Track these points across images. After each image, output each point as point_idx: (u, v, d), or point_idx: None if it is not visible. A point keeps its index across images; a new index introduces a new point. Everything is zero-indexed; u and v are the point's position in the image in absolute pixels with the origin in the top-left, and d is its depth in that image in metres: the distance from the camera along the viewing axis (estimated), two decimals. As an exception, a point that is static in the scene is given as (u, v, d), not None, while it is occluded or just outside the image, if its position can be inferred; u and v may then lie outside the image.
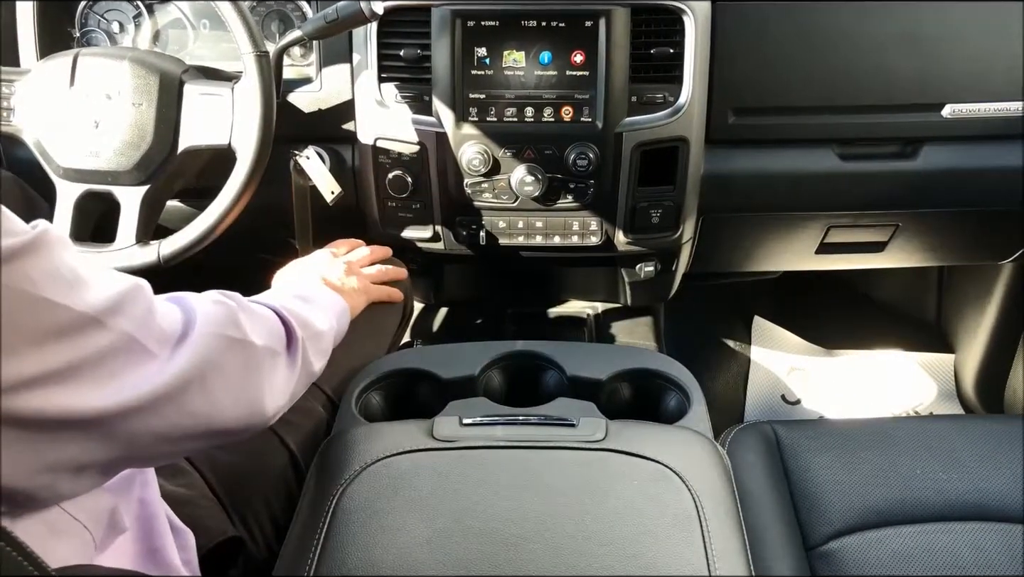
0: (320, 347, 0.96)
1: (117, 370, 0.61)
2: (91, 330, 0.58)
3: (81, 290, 0.58)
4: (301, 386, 0.92)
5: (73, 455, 0.59)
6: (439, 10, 1.32)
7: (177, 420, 0.68)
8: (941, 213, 1.55)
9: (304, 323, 0.92)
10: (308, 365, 0.92)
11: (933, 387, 2.04)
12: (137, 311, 0.64)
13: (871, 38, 1.39)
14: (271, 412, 0.82)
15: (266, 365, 0.81)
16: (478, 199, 1.40)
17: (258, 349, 0.79)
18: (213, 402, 0.71)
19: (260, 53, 1.18)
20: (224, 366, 0.73)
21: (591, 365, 1.15)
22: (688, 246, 1.54)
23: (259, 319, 0.83)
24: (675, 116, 1.35)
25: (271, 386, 0.82)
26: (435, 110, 1.36)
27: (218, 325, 0.74)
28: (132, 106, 1.20)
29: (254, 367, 0.79)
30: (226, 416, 0.74)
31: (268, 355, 0.82)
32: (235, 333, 0.76)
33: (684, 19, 1.33)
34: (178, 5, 1.47)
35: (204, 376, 0.70)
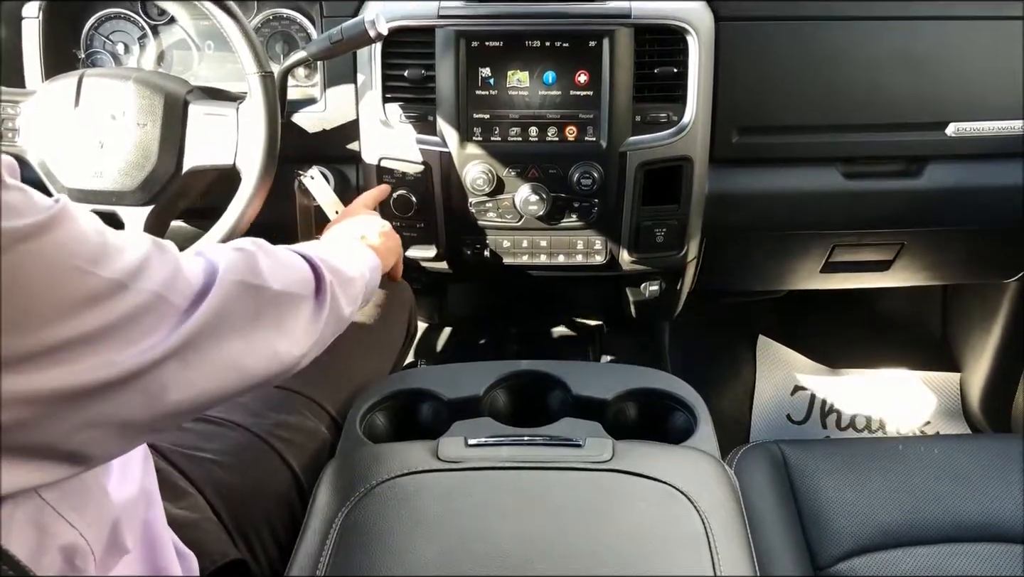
0: (351, 293, 0.96)
1: (148, 328, 0.63)
2: (120, 294, 0.60)
3: (108, 257, 0.60)
4: (331, 331, 0.92)
5: (114, 411, 0.61)
6: (443, 31, 1.33)
7: (204, 369, 0.69)
8: (946, 231, 1.55)
9: (334, 269, 0.92)
10: (338, 310, 0.92)
11: (939, 406, 2.03)
12: (163, 270, 0.66)
13: (873, 57, 1.40)
14: (291, 358, 0.82)
15: (286, 310, 0.81)
16: (482, 218, 1.40)
17: (275, 293, 0.79)
18: (231, 347, 0.72)
19: (265, 73, 1.19)
20: (238, 312, 0.73)
21: (597, 384, 1.14)
22: (693, 265, 1.54)
23: (282, 264, 0.83)
24: (679, 135, 1.35)
25: (289, 331, 0.81)
26: (439, 130, 1.36)
27: (237, 272, 0.74)
28: (137, 126, 1.20)
29: (270, 312, 0.79)
30: (247, 361, 0.74)
31: (287, 300, 0.82)
32: (252, 279, 0.76)
33: (687, 39, 1.33)
34: (183, 26, 1.48)
35: (219, 323, 0.70)
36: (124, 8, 1.49)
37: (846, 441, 1.40)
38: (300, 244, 0.97)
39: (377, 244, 1.18)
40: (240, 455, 1.02)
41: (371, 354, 1.28)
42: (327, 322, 0.88)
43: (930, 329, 2.12)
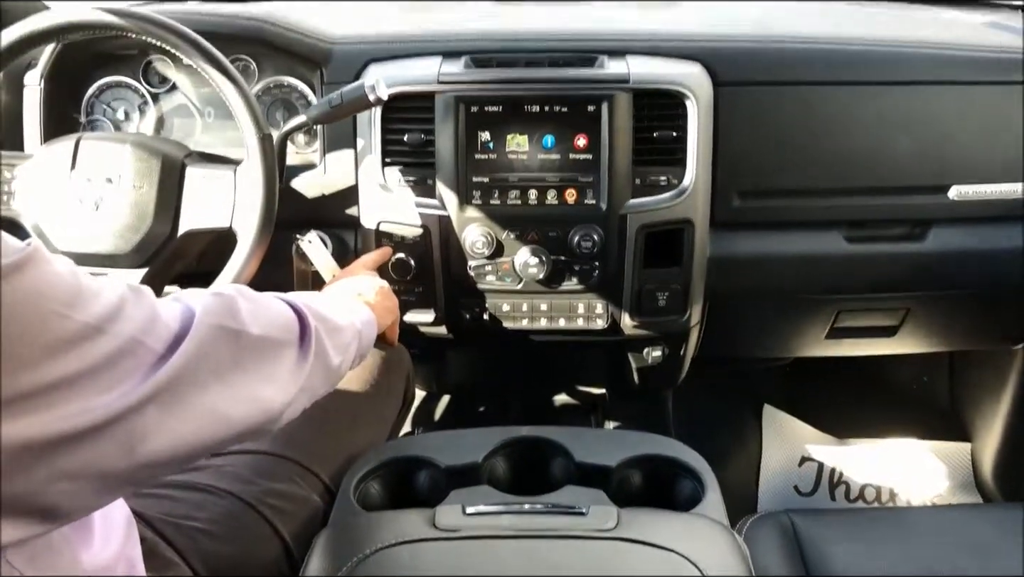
0: (339, 341, 0.94)
1: (124, 373, 0.62)
2: (96, 338, 0.59)
3: (83, 300, 0.59)
4: (320, 381, 0.89)
5: (90, 461, 0.60)
6: (443, 96, 1.33)
7: (184, 416, 0.67)
8: (952, 295, 1.53)
9: (321, 316, 0.90)
10: (325, 358, 0.89)
11: (950, 477, 1.98)
12: (139, 314, 0.64)
13: (873, 121, 1.40)
14: (275, 406, 0.79)
15: (268, 355, 0.79)
16: (482, 282, 1.38)
17: (255, 338, 0.77)
18: (211, 394, 0.70)
19: (263, 136, 1.18)
20: (215, 356, 0.72)
21: (600, 451, 1.11)
22: (696, 330, 1.51)
23: (264, 308, 0.81)
24: (679, 198, 1.34)
25: (272, 377, 0.79)
26: (439, 193, 1.35)
27: (214, 316, 0.73)
28: (133, 188, 1.19)
29: (251, 357, 0.76)
30: (229, 408, 0.72)
31: (269, 345, 0.80)
32: (231, 323, 0.74)
33: (686, 103, 1.33)
34: (184, 92, 1.49)
35: (197, 368, 0.69)
36: (125, 77, 1.50)
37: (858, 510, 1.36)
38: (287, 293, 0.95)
39: (373, 302, 1.15)
40: (229, 524, 0.99)
41: (366, 421, 1.24)
42: (313, 370, 0.86)
43: (938, 398, 2.08)
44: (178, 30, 1.15)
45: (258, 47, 1.41)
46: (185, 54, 1.16)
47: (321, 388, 0.91)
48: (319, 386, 0.90)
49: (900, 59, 1.42)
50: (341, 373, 0.96)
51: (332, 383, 0.95)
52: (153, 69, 1.51)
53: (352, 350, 0.99)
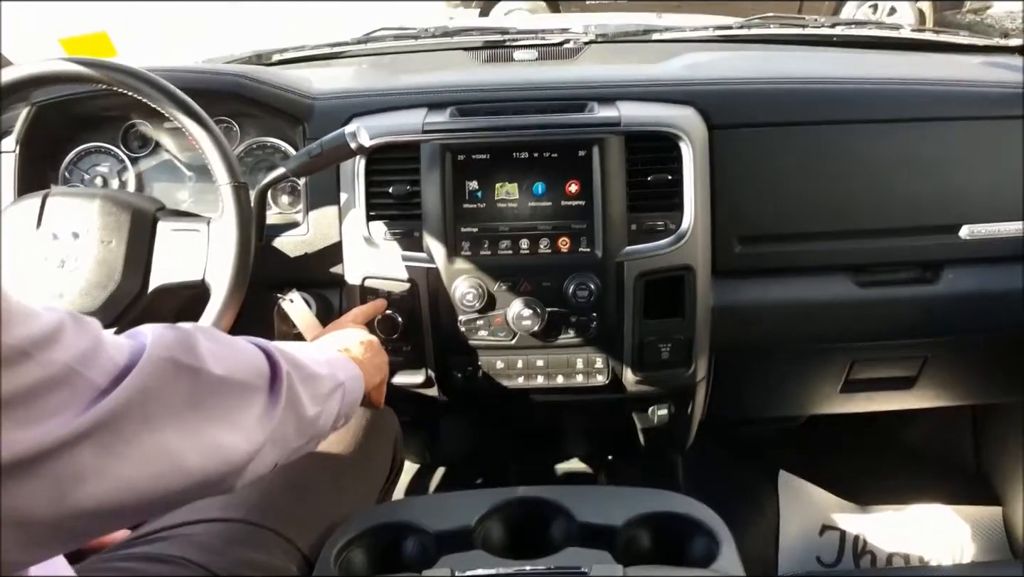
0: (316, 391, 0.87)
1: (56, 405, 0.57)
2: (21, 363, 0.54)
3: (9, 322, 0.54)
4: (293, 432, 0.82)
5: (10, 504, 0.54)
6: (429, 145, 1.28)
7: (129, 458, 0.61)
8: (971, 341, 1.45)
9: (296, 363, 0.84)
10: (298, 406, 0.82)
11: (982, 544, 1.85)
12: (79, 343, 0.59)
13: (877, 159, 1.35)
14: (239, 455, 0.72)
15: (232, 399, 0.73)
16: (473, 337, 1.31)
17: (217, 379, 0.70)
18: (163, 436, 0.64)
19: (238, 184, 1.13)
20: (169, 394, 0.65)
21: (604, 510, 1.02)
22: (703, 386, 1.43)
23: (229, 349, 0.75)
24: (678, 243, 1.28)
25: (236, 424, 0.72)
26: (426, 246, 1.29)
27: (167, 349, 0.66)
28: (101, 244, 1.13)
29: (211, 400, 0.70)
30: (185, 454, 0.66)
31: (234, 389, 0.73)
32: (186, 358, 0.68)
33: (680, 145, 1.29)
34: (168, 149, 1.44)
35: (144, 404, 0.62)
36: (104, 142, 1.46)
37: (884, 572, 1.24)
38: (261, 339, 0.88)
39: (361, 357, 1.08)
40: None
41: (350, 487, 1.15)
42: (284, 419, 0.79)
43: (963, 458, 1.98)
44: (148, 78, 1.11)
45: (237, 104, 1.37)
46: (156, 103, 1.11)
47: (295, 440, 0.84)
48: (292, 438, 0.83)
49: (903, 96, 1.38)
50: (320, 428, 0.89)
51: (308, 436, 0.87)
52: (133, 134, 1.47)
53: (333, 405, 0.92)
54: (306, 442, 0.88)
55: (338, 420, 0.95)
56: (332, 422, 0.93)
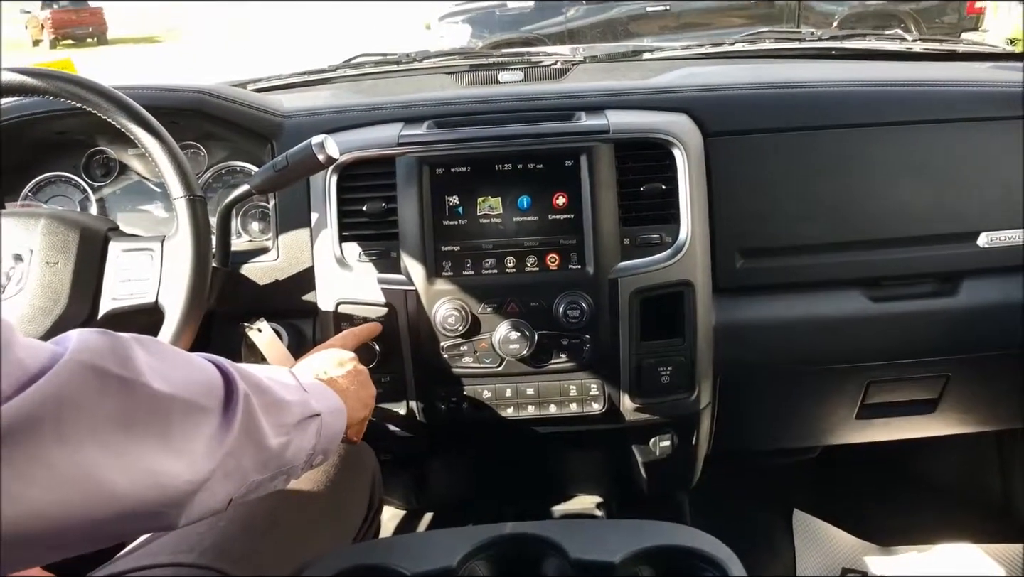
0: (279, 419, 0.77)
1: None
2: None
3: None
4: (251, 462, 0.72)
5: None
6: (405, 159, 1.20)
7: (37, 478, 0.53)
8: (995, 358, 1.35)
9: (258, 386, 0.74)
10: (258, 434, 0.73)
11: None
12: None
13: (884, 166, 1.26)
14: (180, 484, 0.63)
15: (175, 419, 0.64)
16: (457, 364, 1.21)
17: (154, 394, 0.61)
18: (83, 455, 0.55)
19: (193, 197, 1.03)
20: (91, 407, 0.56)
21: (600, 545, 0.91)
22: (708, 414, 1.32)
23: (174, 363, 0.66)
24: (675, 257, 1.19)
25: (178, 448, 0.63)
26: (404, 267, 1.19)
27: (91, 354, 0.58)
28: (46, 265, 1.04)
29: (147, 418, 0.61)
30: (112, 477, 0.57)
31: (179, 407, 0.64)
32: (116, 368, 0.59)
33: (674, 152, 1.20)
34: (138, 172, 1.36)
35: (58, 416, 0.54)
36: (65, 171, 1.38)
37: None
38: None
39: (344, 386, 0.97)
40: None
41: (320, 530, 1.04)
42: (239, 448, 0.69)
43: (990, 492, 1.85)
44: (97, 87, 1.03)
45: (202, 124, 1.29)
46: (105, 113, 1.03)
47: (254, 473, 0.73)
48: (250, 470, 0.73)
49: (909, 97, 1.30)
50: (287, 462, 0.79)
51: (273, 471, 0.77)
52: (96, 161, 1.40)
53: (307, 438, 0.82)
54: (271, 477, 0.78)
55: (314, 456, 0.85)
56: (305, 457, 0.83)
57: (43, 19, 20.58)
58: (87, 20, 21.00)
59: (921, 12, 8.06)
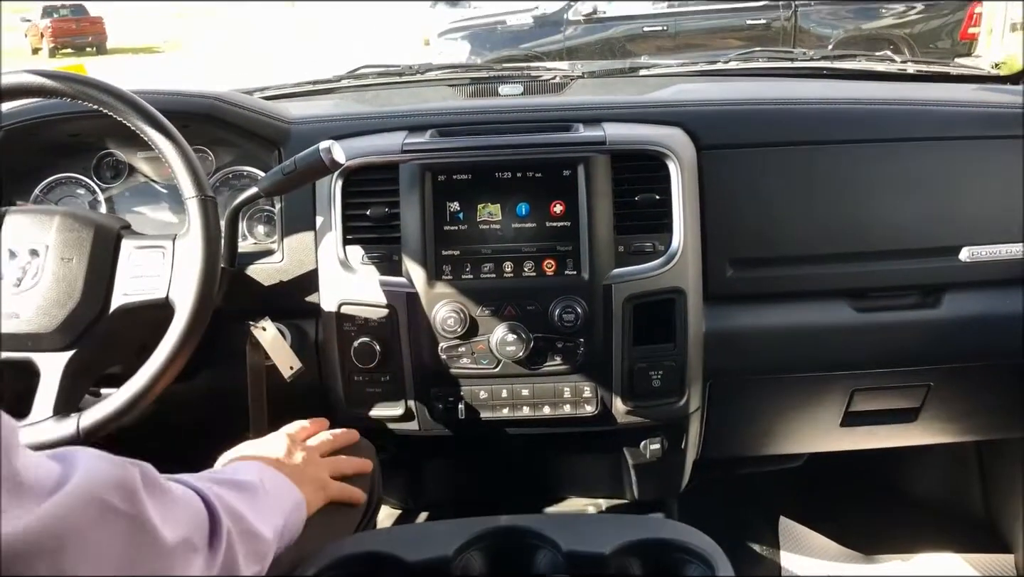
0: (256, 549, 0.80)
1: None
2: None
3: None
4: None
5: None
6: (408, 166, 1.24)
7: None
8: (976, 370, 1.39)
9: (236, 516, 0.76)
10: (233, 565, 0.74)
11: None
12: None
13: (871, 181, 1.31)
14: None
15: (176, 563, 0.64)
16: (455, 365, 1.25)
17: (161, 539, 0.62)
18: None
19: (205, 197, 1.07)
20: (95, 542, 0.56)
21: (591, 538, 0.95)
22: (697, 418, 1.36)
23: (171, 500, 0.67)
24: (667, 265, 1.23)
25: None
26: (405, 270, 1.24)
27: (100, 486, 0.57)
28: (61, 261, 1.08)
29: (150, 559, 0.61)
30: None
31: (180, 550, 0.65)
32: (121, 504, 0.59)
33: (668, 164, 1.25)
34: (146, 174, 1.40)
35: (62, 547, 0.52)
36: (76, 172, 1.42)
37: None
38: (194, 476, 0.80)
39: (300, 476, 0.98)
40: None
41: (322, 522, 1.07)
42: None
43: (970, 501, 1.89)
44: (113, 90, 1.07)
45: (211, 128, 1.33)
46: (121, 115, 1.07)
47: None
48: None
49: (896, 116, 1.35)
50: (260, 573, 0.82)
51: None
52: (106, 163, 1.43)
53: (269, 556, 0.84)
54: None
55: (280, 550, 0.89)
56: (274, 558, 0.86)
57: (43, 28, 20.60)
58: (87, 29, 21.03)
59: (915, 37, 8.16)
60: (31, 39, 21.23)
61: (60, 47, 20.40)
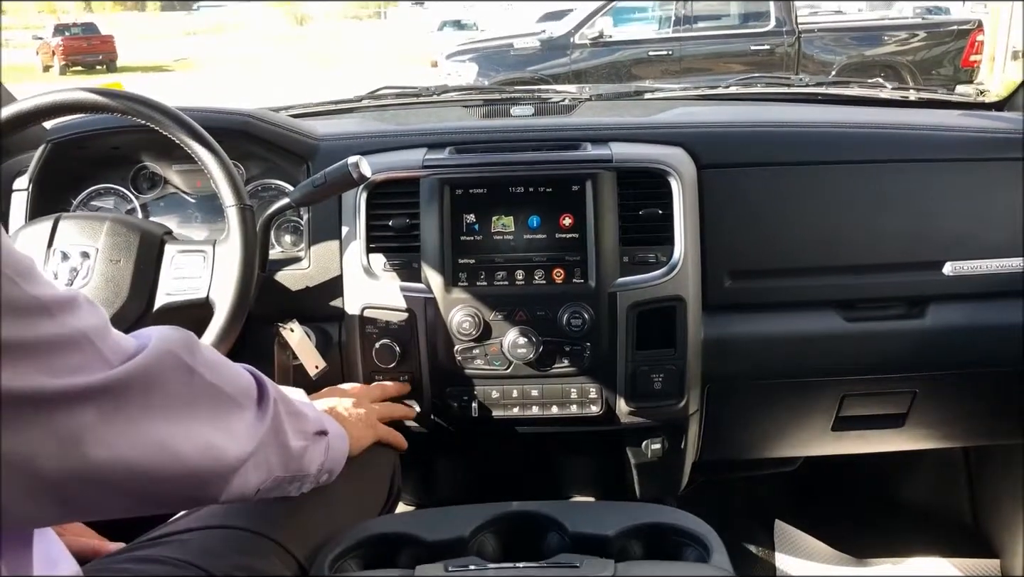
0: (302, 426, 0.92)
1: (70, 365, 0.60)
2: (42, 317, 0.58)
3: (36, 280, 0.58)
4: (276, 458, 0.85)
5: (22, 448, 0.57)
6: (428, 180, 1.33)
7: (127, 434, 0.64)
8: (959, 377, 1.48)
9: (282, 395, 0.88)
10: (282, 435, 0.87)
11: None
12: (93, 318, 0.64)
13: (860, 199, 1.40)
14: (229, 457, 0.76)
15: (223, 407, 0.77)
16: (469, 366, 1.33)
17: (208, 384, 0.75)
18: (160, 425, 0.68)
19: (244, 206, 1.17)
20: (169, 386, 0.70)
21: (597, 521, 1.03)
22: (696, 420, 1.45)
23: (223, 364, 0.79)
24: (669, 275, 1.32)
25: (227, 429, 0.76)
26: (424, 276, 1.33)
27: (172, 343, 0.71)
28: (110, 262, 1.17)
29: (205, 402, 0.74)
30: (179, 444, 0.70)
31: (225, 398, 0.78)
32: (187, 358, 0.72)
33: (670, 181, 1.34)
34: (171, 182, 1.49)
35: (148, 387, 0.67)
36: (115, 183, 1.51)
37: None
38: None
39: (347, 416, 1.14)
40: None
41: (348, 506, 1.16)
42: (268, 441, 0.83)
43: (958, 507, 1.97)
44: (161, 106, 1.17)
45: (244, 143, 1.42)
46: (167, 130, 1.16)
47: (278, 468, 0.87)
48: (275, 465, 0.87)
49: (885, 139, 1.44)
50: (304, 466, 0.94)
51: (293, 472, 0.91)
52: (143, 176, 1.52)
53: (318, 450, 0.97)
54: (290, 479, 0.92)
55: (321, 474, 1.00)
56: (316, 468, 0.97)
57: (54, 46, 20.85)
58: (98, 48, 21.27)
59: (918, 64, 8.27)
60: (42, 56, 21.45)
61: (71, 65, 20.62)
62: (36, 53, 21.72)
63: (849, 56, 8.28)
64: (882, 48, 8.46)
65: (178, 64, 22.58)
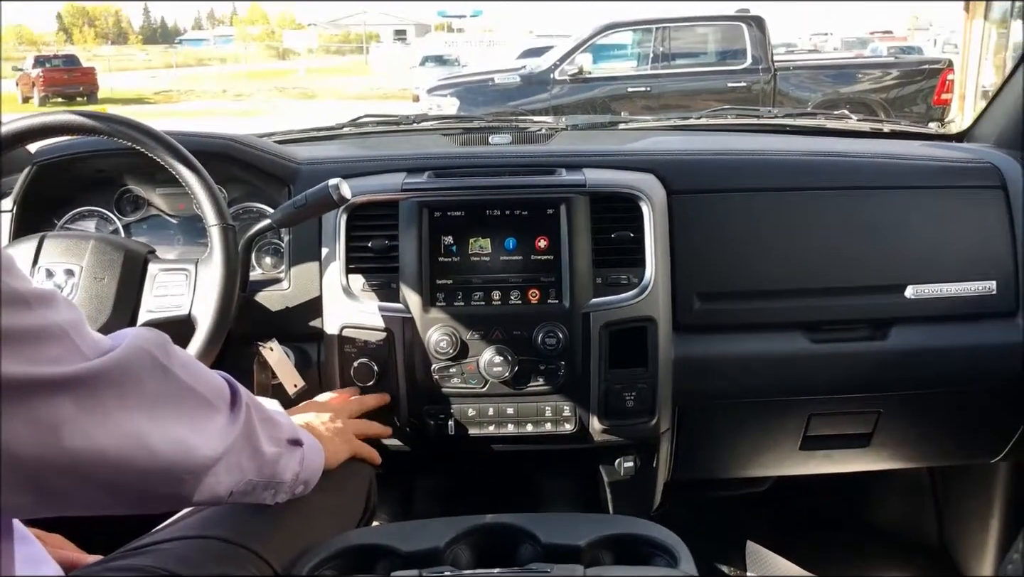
0: (273, 433, 0.93)
1: (48, 356, 0.62)
2: (20, 308, 0.60)
3: (14, 272, 0.61)
4: (248, 462, 0.87)
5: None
6: (407, 203, 1.37)
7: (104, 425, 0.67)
8: (922, 397, 1.52)
9: (255, 402, 0.90)
10: (254, 439, 0.88)
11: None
12: (69, 314, 0.66)
13: (825, 225, 1.45)
14: (201, 456, 0.78)
15: (196, 408, 0.79)
16: (446, 384, 1.36)
17: (182, 384, 0.77)
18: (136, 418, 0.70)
19: (226, 225, 1.20)
20: (144, 383, 0.72)
21: (568, 533, 1.05)
22: (667, 439, 1.48)
23: (197, 367, 0.82)
24: (640, 296, 1.36)
25: (200, 429, 0.79)
26: (402, 296, 1.36)
27: (147, 342, 0.74)
28: (94, 280, 1.20)
29: (176, 400, 0.77)
30: (154, 439, 0.72)
31: (199, 399, 0.80)
32: (162, 357, 0.75)
33: (641, 205, 1.38)
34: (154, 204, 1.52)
35: (123, 382, 0.69)
36: (98, 206, 1.54)
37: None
38: None
39: (323, 431, 1.16)
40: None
41: (324, 518, 1.18)
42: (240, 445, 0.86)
43: (927, 527, 2.00)
44: (145, 128, 1.20)
45: (226, 167, 1.45)
46: (152, 151, 1.20)
47: (251, 472, 0.90)
48: (248, 469, 0.89)
49: (848, 167, 1.50)
50: (278, 473, 0.96)
51: (267, 477, 0.94)
52: (127, 199, 1.55)
53: (292, 459, 0.99)
54: (264, 485, 0.94)
55: (297, 484, 1.02)
56: (292, 477, 1.00)
57: (35, 77, 20.81)
58: (78, 79, 21.27)
59: (891, 101, 8.44)
60: (22, 88, 21.42)
61: (51, 96, 20.59)
62: (16, 84, 21.69)
63: (824, 93, 8.43)
64: (856, 86, 8.64)
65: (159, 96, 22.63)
